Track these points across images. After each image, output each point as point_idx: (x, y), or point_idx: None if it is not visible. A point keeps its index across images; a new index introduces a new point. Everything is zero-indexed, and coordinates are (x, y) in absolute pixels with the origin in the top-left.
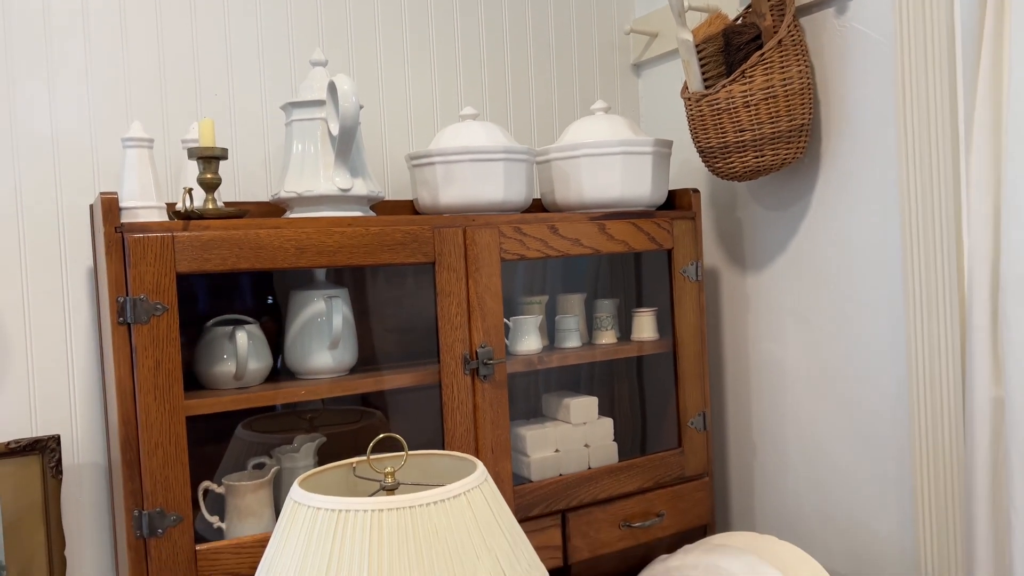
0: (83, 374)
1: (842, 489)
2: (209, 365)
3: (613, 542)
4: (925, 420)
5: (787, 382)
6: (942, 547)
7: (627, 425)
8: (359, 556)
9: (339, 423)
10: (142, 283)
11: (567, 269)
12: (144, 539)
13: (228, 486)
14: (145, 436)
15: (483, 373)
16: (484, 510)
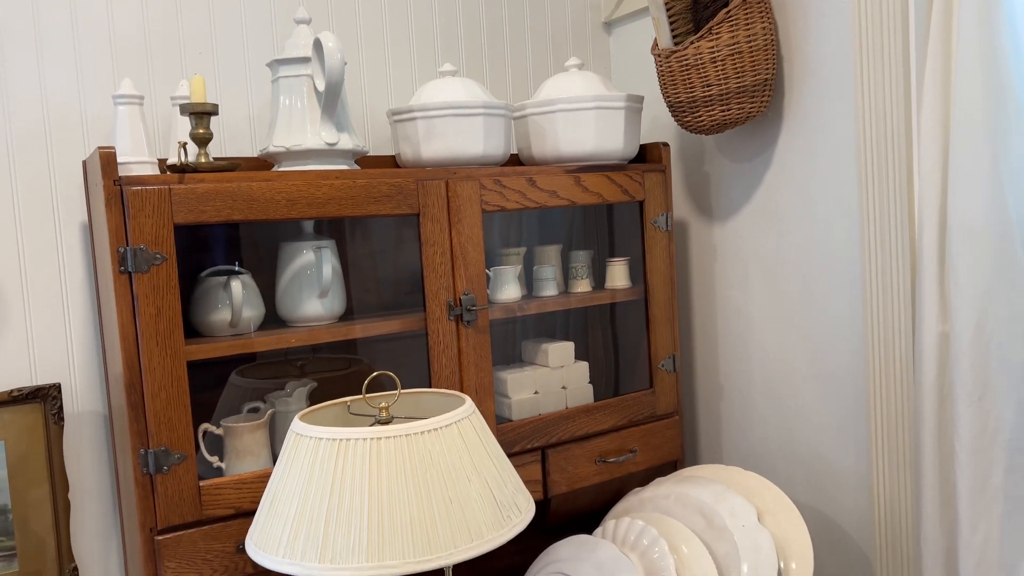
0: (80, 326)
1: (803, 424)
2: (205, 314)
3: (589, 476)
4: (879, 358)
5: (752, 326)
6: (893, 474)
7: (601, 368)
8: (360, 481)
9: (329, 370)
10: (141, 234)
11: (543, 222)
12: (151, 476)
13: (226, 427)
14: (148, 379)
15: (467, 319)
16: (473, 439)
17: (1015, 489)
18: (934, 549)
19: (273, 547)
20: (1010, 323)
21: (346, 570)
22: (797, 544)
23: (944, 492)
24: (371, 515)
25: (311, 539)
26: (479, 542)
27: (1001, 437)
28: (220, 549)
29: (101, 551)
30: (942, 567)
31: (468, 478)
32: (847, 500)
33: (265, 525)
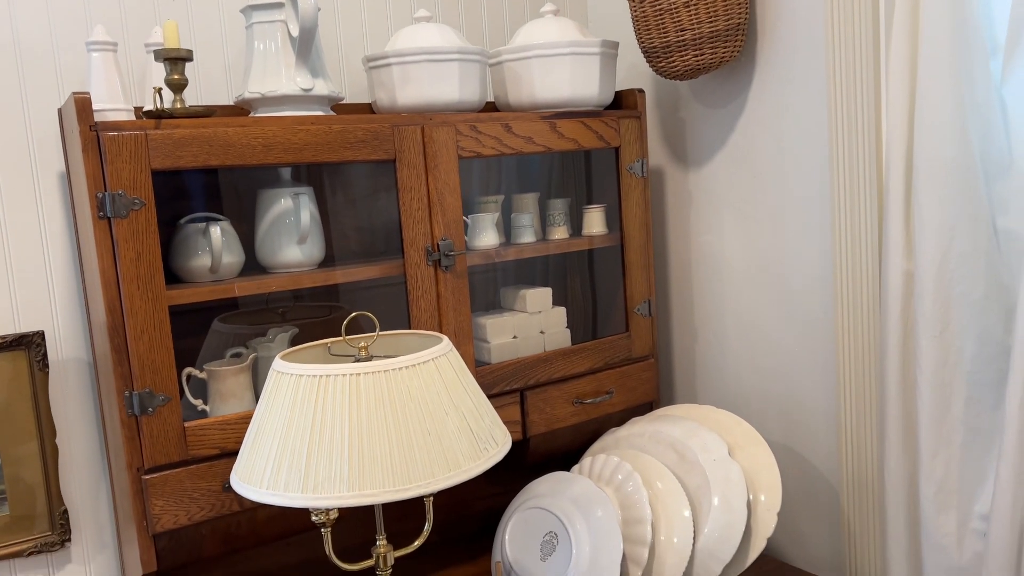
0: (61, 274)
1: (774, 364)
2: (185, 260)
3: (567, 417)
4: (847, 297)
5: (725, 270)
6: (859, 409)
7: (579, 313)
8: (340, 415)
9: (309, 317)
10: (119, 179)
11: (521, 170)
12: (136, 417)
13: (210, 371)
14: (131, 323)
15: (445, 264)
16: (451, 375)
17: (974, 419)
18: (897, 478)
19: (257, 479)
20: (971, 259)
21: (328, 499)
22: (766, 476)
23: (907, 423)
24: (351, 447)
25: (294, 471)
26: (456, 472)
27: (961, 369)
28: (206, 488)
29: (90, 493)
30: (904, 495)
31: (446, 412)
32: (816, 434)
33: (249, 459)
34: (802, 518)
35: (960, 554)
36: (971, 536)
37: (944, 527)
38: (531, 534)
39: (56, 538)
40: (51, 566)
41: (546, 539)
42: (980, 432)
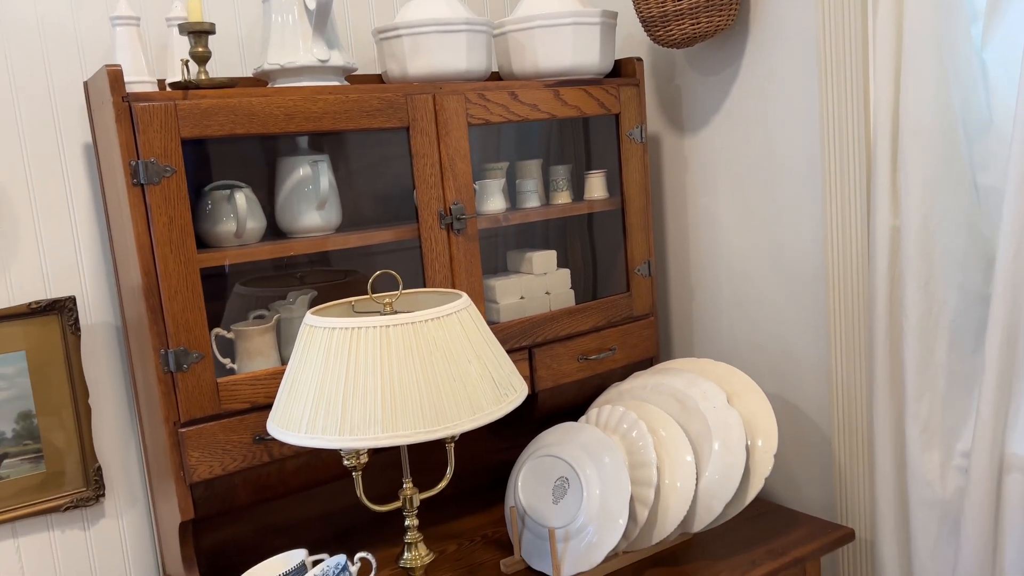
0: (88, 243)
1: (767, 318)
2: (211, 225)
3: (573, 373)
4: (837, 253)
5: (720, 230)
6: (849, 359)
7: (582, 274)
8: (372, 364)
9: (326, 280)
10: (151, 148)
11: (524, 138)
12: (172, 374)
13: (237, 331)
14: (165, 284)
15: (457, 227)
16: (472, 327)
17: (956, 364)
18: (884, 420)
19: (295, 425)
20: (953, 214)
21: (364, 440)
22: (763, 422)
23: (893, 369)
24: (384, 393)
25: (330, 416)
26: (480, 415)
27: (944, 318)
28: (238, 440)
29: (121, 451)
30: (891, 436)
31: (469, 360)
32: (808, 384)
33: (286, 408)
34: (795, 463)
35: (943, 489)
36: (953, 472)
37: (928, 464)
38: (543, 480)
39: (91, 493)
40: (86, 520)
41: (557, 484)
42: (962, 375)
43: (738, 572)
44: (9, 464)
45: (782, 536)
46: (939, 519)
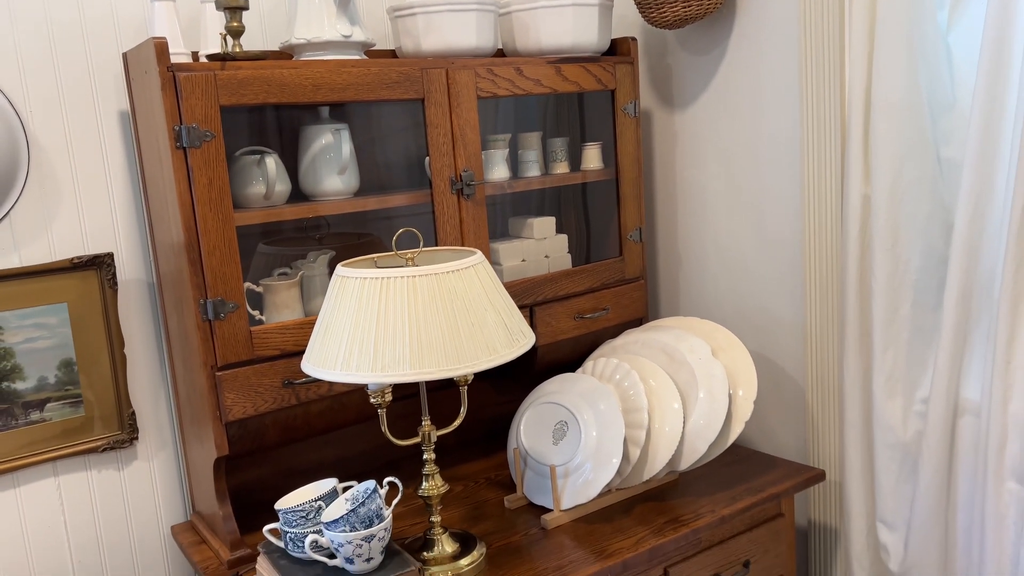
0: (123, 204)
1: (749, 283)
2: (242, 188)
3: (569, 330)
4: (813, 221)
5: (707, 201)
6: (822, 318)
7: (578, 239)
8: (401, 310)
9: (344, 242)
10: (193, 114)
11: (526, 113)
12: (210, 322)
13: (266, 285)
14: (204, 240)
15: (466, 193)
16: (487, 280)
17: (919, 320)
18: (853, 371)
19: (331, 364)
20: (918, 183)
21: (394, 376)
22: (744, 373)
23: (862, 325)
24: (411, 335)
25: (364, 356)
26: (496, 356)
27: (909, 278)
28: (269, 384)
29: (152, 398)
30: (859, 386)
31: (485, 309)
32: (785, 342)
33: (321, 349)
34: (772, 414)
35: (904, 432)
36: (914, 417)
37: (891, 411)
38: (544, 424)
39: (125, 436)
40: (120, 461)
41: (557, 427)
42: (923, 330)
43: (720, 506)
44: (51, 408)
45: (760, 477)
46: (900, 460)
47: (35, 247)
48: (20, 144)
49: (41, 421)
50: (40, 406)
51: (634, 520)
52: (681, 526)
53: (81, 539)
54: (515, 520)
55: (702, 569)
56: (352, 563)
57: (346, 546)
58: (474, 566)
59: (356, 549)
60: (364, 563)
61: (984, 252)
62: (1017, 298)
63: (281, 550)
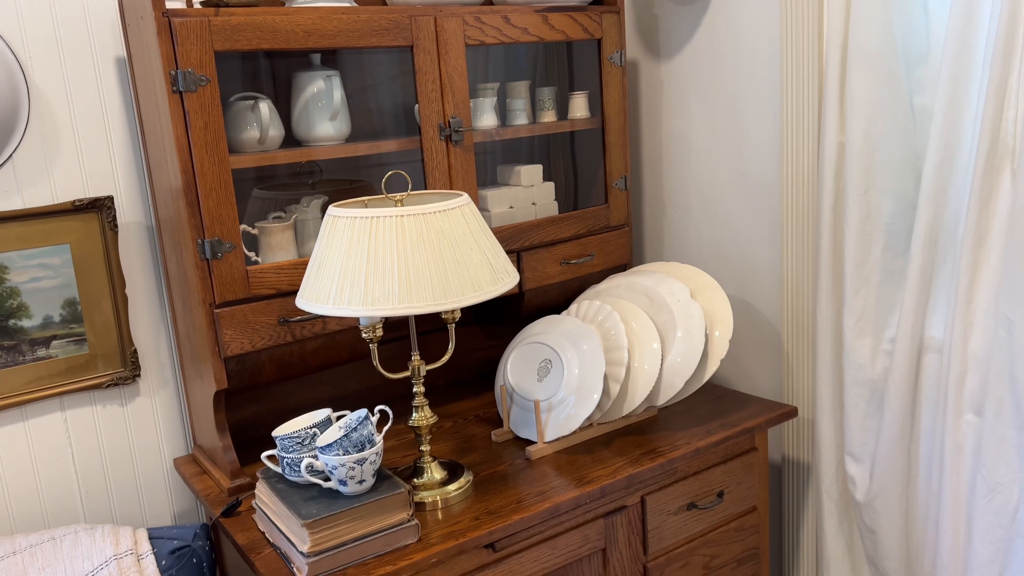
0: (121, 148)
1: (730, 230)
2: (237, 133)
3: (555, 275)
4: (791, 169)
5: (690, 150)
6: (798, 263)
7: (565, 186)
8: (389, 247)
9: (336, 188)
10: (188, 59)
11: (513, 61)
12: (207, 261)
13: (261, 227)
14: (202, 182)
15: (455, 139)
16: (473, 221)
17: (888, 263)
18: (826, 313)
19: (324, 299)
20: (891, 131)
21: (384, 310)
22: (721, 315)
23: (835, 268)
24: (400, 272)
25: (355, 291)
26: (481, 292)
27: (880, 222)
28: (265, 321)
29: (153, 337)
30: (831, 326)
31: (470, 248)
32: (763, 286)
33: (314, 285)
34: (750, 356)
35: (873, 370)
36: (881, 355)
37: (861, 349)
38: (529, 363)
39: (128, 373)
40: (124, 398)
41: (542, 365)
42: (893, 273)
43: (696, 439)
44: (57, 345)
45: (735, 413)
46: (868, 396)
47: (37, 190)
48: (20, 89)
49: (47, 358)
50: (46, 343)
51: (613, 452)
52: (658, 456)
53: (88, 470)
54: (501, 452)
55: (678, 498)
56: (345, 485)
57: (339, 469)
58: (461, 491)
59: (349, 471)
60: (356, 485)
61: (951, 198)
62: (979, 241)
63: (278, 475)
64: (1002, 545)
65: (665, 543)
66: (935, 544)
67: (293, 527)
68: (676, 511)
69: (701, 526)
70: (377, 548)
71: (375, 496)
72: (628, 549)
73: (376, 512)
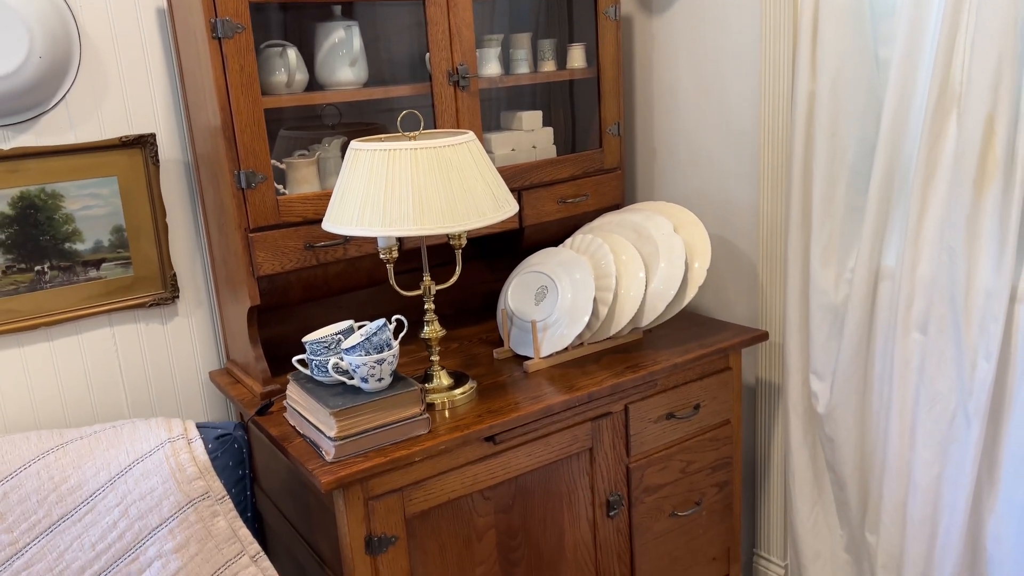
0: (161, 92)
1: (714, 172)
2: (267, 76)
3: (553, 213)
4: (768, 113)
5: (679, 100)
6: (773, 201)
7: (563, 132)
8: (405, 176)
9: (353, 129)
10: (226, 9)
11: (517, 15)
12: (243, 191)
13: (288, 163)
14: (237, 119)
15: (462, 85)
16: (478, 155)
17: (852, 199)
18: (796, 245)
19: (347, 221)
20: (857, 80)
21: (400, 230)
22: (701, 248)
23: (804, 205)
24: (414, 198)
25: (375, 214)
26: (485, 217)
27: (845, 163)
28: (293, 246)
29: (189, 263)
30: (800, 257)
31: (476, 179)
32: (741, 223)
33: (339, 210)
34: (729, 288)
35: (835, 296)
36: (843, 283)
37: (826, 277)
38: (527, 290)
39: (168, 295)
40: (164, 317)
41: (539, 291)
42: (856, 209)
43: (675, 356)
44: (106, 267)
45: (712, 336)
46: (831, 320)
47: (88, 127)
48: (73, 36)
49: (98, 278)
50: (96, 265)
51: (601, 367)
52: (640, 369)
53: (133, 380)
54: (502, 367)
55: (658, 408)
56: (366, 382)
57: (361, 367)
58: (466, 395)
59: (370, 370)
60: (376, 382)
61: (905, 140)
62: (928, 178)
63: (307, 377)
64: (940, 448)
65: (646, 447)
66: (884, 449)
67: (322, 417)
68: (656, 419)
69: (679, 434)
70: (394, 436)
71: (392, 392)
72: (613, 451)
73: (393, 406)
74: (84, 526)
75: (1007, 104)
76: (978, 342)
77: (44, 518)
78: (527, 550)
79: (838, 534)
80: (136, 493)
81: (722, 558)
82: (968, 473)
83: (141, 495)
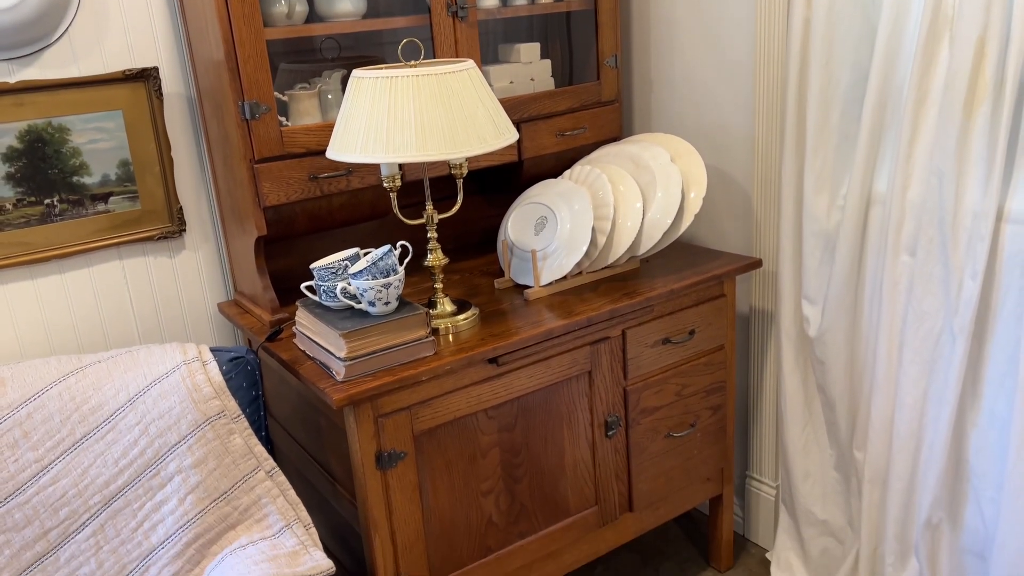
0: (162, 25)
1: (710, 104)
2: (268, 7)
3: (551, 146)
4: (763, 43)
5: (676, 33)
6: (768, 131)
7: (561, 64)
8: (407, 103)
9: (353, 63)
10: None
11: None
12: (247, 121)
13: (290, 95)
14: (240, 51)
15: (461, 15)
16: (479, 83)
17: (845, 127)
18: (790, 172)
19: (351, 148)
20: (851, 7)
21: (403, 156)
22: (697, 177)
23: (798, 132)
24: (416, 124)
25: (377, 141)
26: (486, 144)
27: (839, 91)
28: (297, 177)
29: (195, 197)
30: (794, 185)
31: (476, 106)
32: (737, 153)
33: (342, 138)
34: (725, 218)
35: (828, 222)
36: (835, 210)
37: (819, 204)
38: (527, 220)
39: (175, 228)
40: (171, 250)
41: (538, 222)
42: (848, 137)
43: (671, 283)
44: (114, 201)
45: (708, 264)
46: (823, 246)
47: (91, 60)
48: None
49: (106, 212)
50: (104, 199)
51: (599, 295)
52: (637, 295)
53: (143, 311)
54: (503, 296)
55: (654, 333)
56: (374, 306)
57: (368, 291)
58: (469, 321)
59: (377, 294)
60: (383, 306)
61: (898, 66)
62: (919, 103)
63: (315, 302)
64: (927, 366)
65: (643, 371)
66: (872, 369)
67: (332, 339)
68: (652, 344)
69: (674, 358)
70: (401, 358)
71: (398, 315)
72: (611, 373)
73: (399, 329)
74: (106, 444)
75: (998, 27)
76: (965, 262)
77: (67, 436)
78: (529, 467)
79: (827, 453)
80: (155, 412)
81: (715, 478)
82: (952, 389)
83: (160, 414)
